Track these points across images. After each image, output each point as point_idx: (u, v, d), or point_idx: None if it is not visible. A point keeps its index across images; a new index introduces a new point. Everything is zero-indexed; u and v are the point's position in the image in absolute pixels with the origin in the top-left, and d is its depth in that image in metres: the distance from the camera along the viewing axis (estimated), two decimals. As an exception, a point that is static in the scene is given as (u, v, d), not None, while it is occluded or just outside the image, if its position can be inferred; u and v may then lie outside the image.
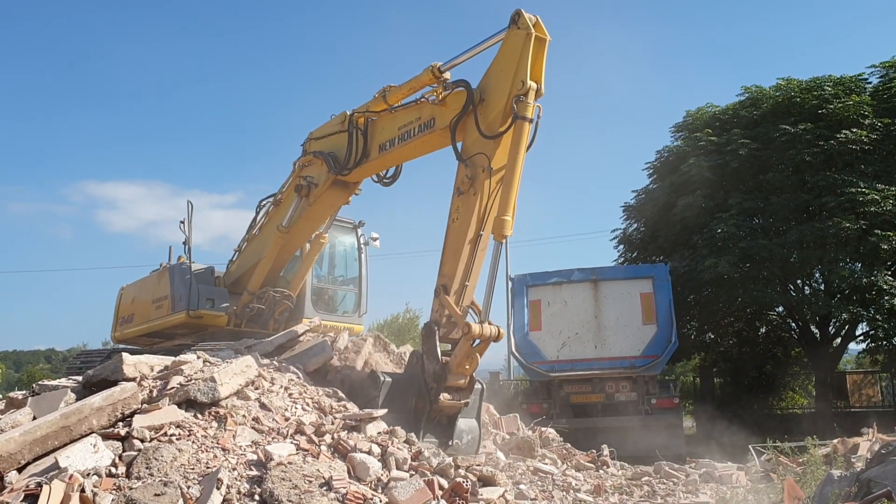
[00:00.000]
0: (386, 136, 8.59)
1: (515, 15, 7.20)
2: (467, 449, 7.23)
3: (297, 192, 9.54)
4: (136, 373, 6.78)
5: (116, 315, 12.37)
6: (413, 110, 8.20)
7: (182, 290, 10.51)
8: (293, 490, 5.13)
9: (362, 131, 8.81)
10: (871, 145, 17.59)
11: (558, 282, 15.26)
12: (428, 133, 7.98)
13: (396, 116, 8.45)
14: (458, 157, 7.43)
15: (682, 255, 18.78)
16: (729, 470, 9.58)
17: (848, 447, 8.98)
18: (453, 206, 7.43)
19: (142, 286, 11.90)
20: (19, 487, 4.93)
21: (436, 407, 6.92)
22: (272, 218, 10.30)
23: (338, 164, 9.03)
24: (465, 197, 7.27)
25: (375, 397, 7.00)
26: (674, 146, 21.52)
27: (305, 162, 9.69)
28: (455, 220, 7.36)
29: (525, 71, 6.99)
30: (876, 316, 16.32)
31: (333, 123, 9.35)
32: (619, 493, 7.74)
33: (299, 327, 9.59)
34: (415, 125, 8.15)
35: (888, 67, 19.31)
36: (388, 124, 8.59)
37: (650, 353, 14.38)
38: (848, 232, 16.16)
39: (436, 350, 6.96)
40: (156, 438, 5.65)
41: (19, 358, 74.35)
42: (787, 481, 6.19)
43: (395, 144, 8.44)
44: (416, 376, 7.08)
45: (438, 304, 7.16)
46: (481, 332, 6.81)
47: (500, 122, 7.16)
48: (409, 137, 8.22)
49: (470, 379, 7.09)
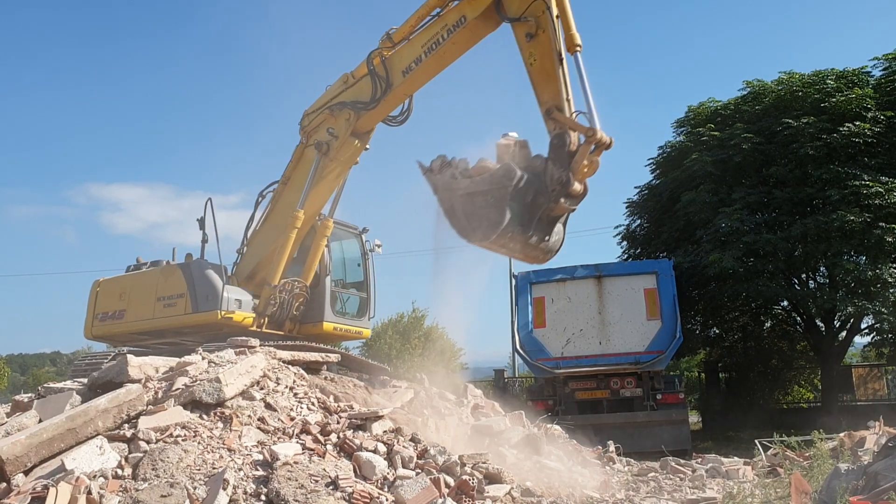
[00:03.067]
0: (406, 60, 9.31)
1: None
2: (553, 247, 7.92)
3: (318, 149, 9.99)
4: (141, 374, 6.79)
5: (92, 311, 11.53)
6: (433, 26, 9.00)
7: (207, 289, 10.28)
8: (299, 490, 5.13)
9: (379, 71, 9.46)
10: (875, 138, 17.51)
11: (562, 278, 15.25)
12: (461, 30, 8.74)
13: (413, 41, 9.23)
14: (509, 19, 8.26)
15: (686, 251, 18.73)
16: (735, 465, 9.58)
17: (854, 441, 8.96)
18: (526, 53, 8.14)
19: (136, 282, 11.30)
20: (26, 490, 4.93)
21: (553, 207, 7.52)
22: (280, 202, 10.52)
23: (359, 105, 9.63)
24: (536, 39, 8.07)
25: (507, 186, 7.46)
26: (676, 141, 21.47)
27: (319, 121, 10.11)
28: (534, 61, 8.11)
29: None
30: (881, 309, 16.26)
31: (334, 88, 10.01)
32: (626, 489, 7.73)
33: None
34: (441, 33, 8.95)
35: (891, 60, 19.21)
36: (405, 51, 9.32)
37: (655, 348, 14.36)
38: (852, 225, 16.09)
39: (566, 157, 7.65)
40: (161, 440, 5.66)
41: (25, 361, 74.62)
42: (794, 475, 6.17)
43: (420, 61, 9.18)
44: (538, 177, 7.58)
45: (554, 122, 7.86)
46: (602, 136, 7.51)
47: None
48: (438, 45, 8.97)
49: (584, 186, 7.71)
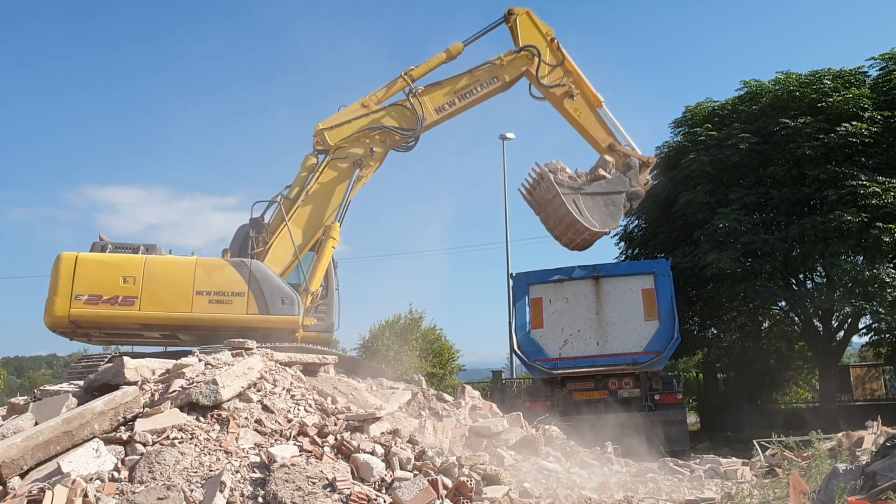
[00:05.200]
0: (440, 100, 11.86)
1: (508, 11, 12.07)
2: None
3: (357, 166, 11.41)
4: (138, 376, 6.77)
5: (69, 289, 10.10)
6: (463, 78, 11.92)
7: (280, 293, 10.52)
8: (297, 492, 5.12)
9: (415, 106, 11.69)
10: (872, 138, 17.52)
11: (560, 279, 15.24)
12: (493, 87, 12.01)
13: (444, 86, 11.88)
14: (545, 86, 12.01)
15: (684, 251, 18.73)
16: (734, 465, 9.58)
17: (853, 441, 8.95)
18: (571, 110, 12.12)
19: (153, 268, 10.38)
20: (22, 493, 4.91)
21: (627, 207, 11.95)
22: (300, 212, 11.18)
23: (400, 132, 11.61)
24: (576, 99, 12.09)
25: (622, 192, 11.72)
26: (674, 142, 21.48)
27: (355, 139, 11.51)
28: (580, 115, 12.12)
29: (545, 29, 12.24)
30: (879, 309, 16.26)
31: (354, 110, 11.57)
32: (624, 489, 7.71)
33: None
34: (474, 86, 11.96)
35: (887, 60, 19.22)
36: (437, 95, 11.82)
37: (653, 349, 14.35)
38: (849, 225, 16.10)
39: (636, 176, 11.99)
40: (158, 442, 5.64)
41: (21, 363, 74.39)
42: (793, 475, 6.16)
43: (455, 104, 11.88)
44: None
45: (616, 154, 12.06)
46: (651, 159, 12.38)
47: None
48: (472, 95, 11.93)
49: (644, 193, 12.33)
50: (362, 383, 9.54)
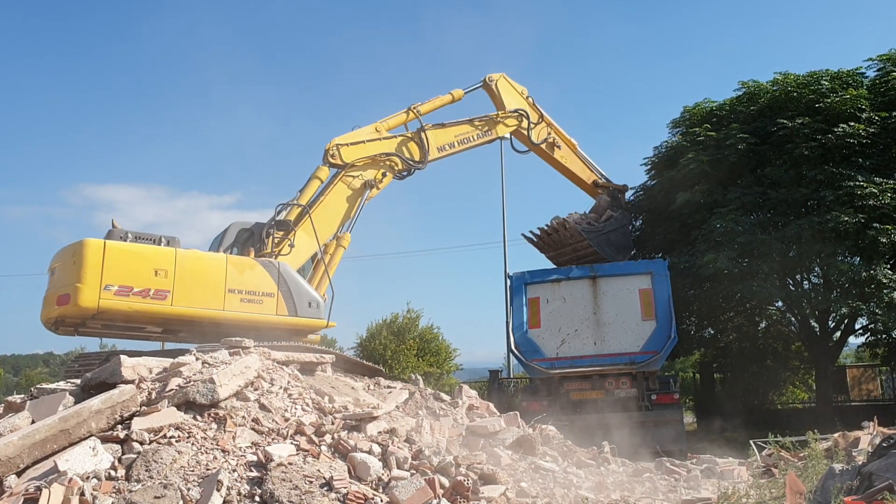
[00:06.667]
0: (442, 140, 13.46)
1: (487, 78, 14.72)
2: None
3: (369, 187, 12.37)
4: (135, 375, 6.76)
5: (99, 278, 9.20)
6: (465, 126, 13.91)
7: (308, 296, 10.84)
8: (294, 491, 5.12)
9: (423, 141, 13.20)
10: (869, 139, 17.53)
11: (557, 279, 15.25)
12: (487, 138, 14.20)
13: (448, 130, 13.61)
14: (534, 143, 15.03)
15: (681, 251, 18.73)
16: (730, 465, 9.58)
17: (849, 441, 8.98)
18: (558, 157, 15.42)
19: (185, 263, 9.90)
20: (19, 491, 4.91)
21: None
22: (311, 219, 11.64)
23: (409, 162, 12.93)
24: (562, 149, 15.23)
25: (626, 225, 15.43)
26: (672, 142, 21.47)
27: (368, 162, 12.49)
28: (566, 161, 15.50)
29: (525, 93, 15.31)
30: (875, 310, 16.26)
31: (368, 133, 12.62)
32: (621, 489, 7.72)
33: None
34: (472, 133, 13.95)
35: (885, 61, 19.24)
36: (441, 135, 13.41)
37: (650, 348, 14.36)
38: (846, 226, 16.11)
39: (621, 203, 15.99)
40: (155, 441, 5.63)
41: (17, 362, 74.26)
42: (789, 476, 6.18)
43: (454, 146, 13.65)
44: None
45: (602, 188, 16.17)
46: (625, 186, 17.00)
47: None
48: (469, 142, 13.89)
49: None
50: (359, 382, 9.54)
